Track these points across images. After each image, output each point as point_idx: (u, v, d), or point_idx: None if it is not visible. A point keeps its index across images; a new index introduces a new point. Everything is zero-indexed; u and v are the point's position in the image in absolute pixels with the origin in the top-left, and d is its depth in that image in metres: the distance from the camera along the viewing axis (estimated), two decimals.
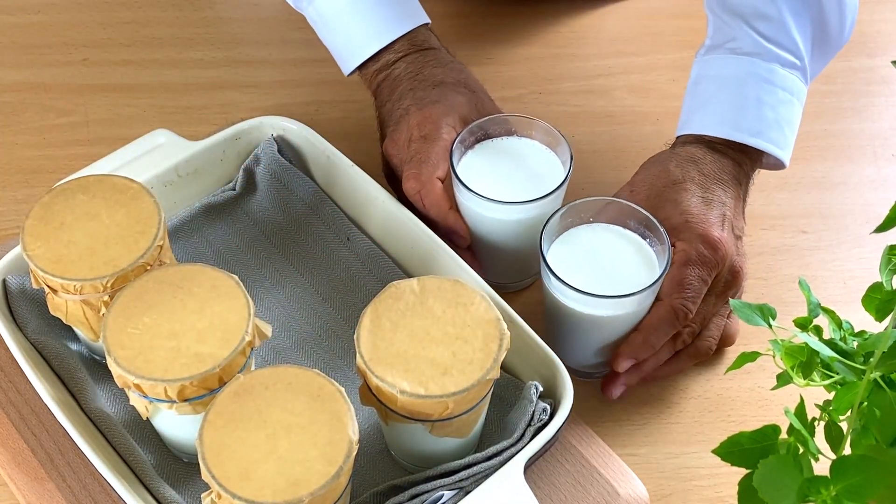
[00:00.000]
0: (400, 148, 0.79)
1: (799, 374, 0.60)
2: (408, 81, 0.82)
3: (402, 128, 0.80)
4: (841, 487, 0.53)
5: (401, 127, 0.80)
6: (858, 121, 0.98)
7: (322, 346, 0.78)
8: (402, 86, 0.82)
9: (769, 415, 0.77)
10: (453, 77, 0.82)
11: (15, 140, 0.93)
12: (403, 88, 0.82)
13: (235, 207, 0.84)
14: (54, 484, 0.69)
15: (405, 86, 0.82)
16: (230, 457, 0.59)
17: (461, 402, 0.63)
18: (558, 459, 0.71)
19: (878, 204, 0.91)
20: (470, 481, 0.67)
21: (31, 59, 1.00)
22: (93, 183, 0.71)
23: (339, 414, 0.61)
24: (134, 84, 0.98)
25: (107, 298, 0.68)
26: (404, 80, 0.82)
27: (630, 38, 1.04)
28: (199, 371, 0.63)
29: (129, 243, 0.68)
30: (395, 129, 0.80)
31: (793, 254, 0.88)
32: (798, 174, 0.93)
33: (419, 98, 0.80)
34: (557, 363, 0.70)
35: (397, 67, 0.83)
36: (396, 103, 0.82)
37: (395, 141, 0.80)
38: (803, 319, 0.63)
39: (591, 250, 0.74)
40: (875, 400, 0.57)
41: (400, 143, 0.80)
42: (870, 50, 1.04)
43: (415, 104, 0.80)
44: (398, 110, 0.81)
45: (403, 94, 0.82)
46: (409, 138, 0.79)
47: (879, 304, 0.61)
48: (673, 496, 0.74)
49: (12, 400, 0.73)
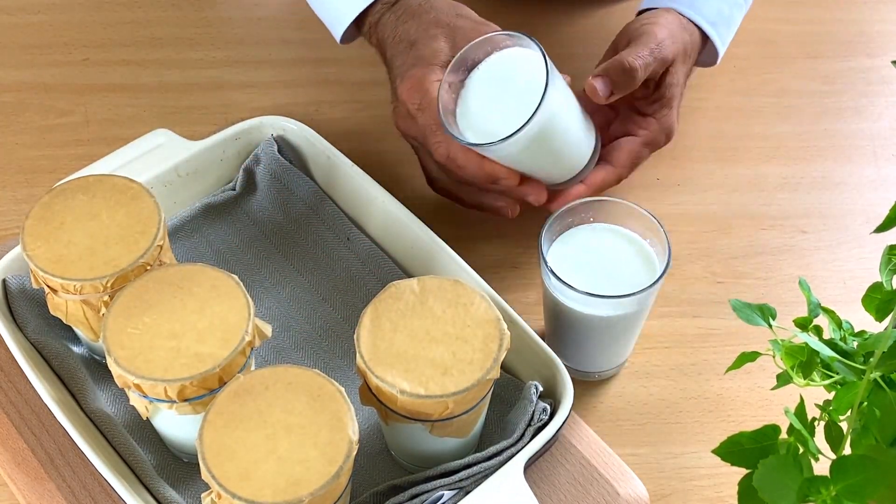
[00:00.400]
0: (407, 123, 0.79)
1: (799, 374, 0.60)
2: (390, 47, 0.81)
3: (399, 104, 0.79)
4: (841, 487, 0.53)
5: (398, 104, 0.79)
6: (859, 121, 0.98)
7: (322, 346, 0.78)
8: (387, 53, 0.82)
9: (769, 415, 0.77)
10: (424, 25, 0.79)
11: (15, 140, 0.93)
12: (389, 56, 0.81)
13: (235, 207, 0.84)
14: (54, 484, 0.69)
15: (389, 52, 0.81)
16: (230, 457, 0.59)
17: (461, 402, 0.63)
18: (558, 459, 0.71)
19: (878, 204, 0.91)
20: (470, 481, 0.67)
21: (31, 59, 0.99)
22: (93, 183, 0.71)
23: (339, 414, 0.61)
24: (134, 84, 0.98)
25: (107, 298, 0.68)
26: (387, 46, 0.82)
27: None
28: (199, 371, 0.63)
29: (129, 243, 0.68)
30: (395, 106, 0.80)
31: (793, 254, 0.88)
32: (798, 174, 0.93)
33: (399, 66, 0.79)
34: (557, 363, 0.70)
35: (380, 30, 0.83)
36: (389, 74, 0.82)
37: (400, 116, 0.79)
38: (803, 319, 0.63)
39: (591, 250, 0.74)
40: (875, 400, 0.57)
41: (404, 118, 0.79)
42: (870, 50, 1.04)
43: (399, 75, 0.79)
44: (392, 83, 0.81)
45: (390, 63, 0.81)
46: (408, 112, 0.78)
47: (879, 304, 0.61)
48: (673, 496, 0.74)
49: (12, 400, 0.73)
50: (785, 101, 0.99)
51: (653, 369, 0.80)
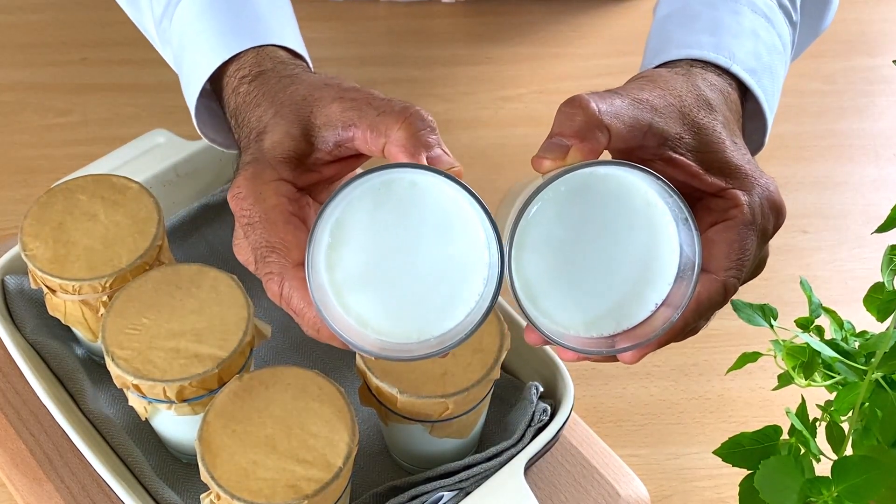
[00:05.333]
0: (239, 247, 0.57)
1: (800, 374, 0.60)
2: (243, 139, 0.59)
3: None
4: (842, 488, 0.53)
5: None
6: (860, 120, 0.98)
7: (321, 346, 0.77)
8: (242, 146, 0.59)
9: (770, 415, 0.77)
10: (276, 105, 0.56)
11: (13, 140, 0.93)
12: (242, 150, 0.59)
13: None
14: (53, 485, 0.69)
15: (242, 145, 0.59)
16: (229, 457, 0.59)
17: (461, 402, 0.63)
18: (559, 460, 0.71)
19: (879, 204, 0.91)
20: (470, 482, 0.67)
21: (29, 59, 0.99)
22: (91, 183, 0.71)
23: (339, 414, 0.61)
24: (133, 84, 0.98)
25: (105, 298, 0.67)
26: (241, 138, 0.59)
27: (630, 38, 1.04)
28: (198, 371, 0.62)
29: (128, 243, 0.68)
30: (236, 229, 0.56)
31: (794, 254, 0.87)
32: (799, 174, 0.93)
33: (239, 167, 0.56)
34: (558, 363, 0.70)
35: (236, 109, 0.61)
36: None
37: (235, 238, 0.57)
38: (805, 320, 0.63)
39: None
40: (876, 400, 0.57)
41: (237, 240, 0.57)
42: (871, 49, 1.04)
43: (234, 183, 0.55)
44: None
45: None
46: (244, 234, 0.55)
47: (881, 305, 0.61)
48: (674, 497, 0.73)
49: (10, 401, 0.73)
50: (785, 101, 0.99)
51: (654, 370, 0.80)
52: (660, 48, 0.62)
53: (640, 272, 0.49)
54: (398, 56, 1.02)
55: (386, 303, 0.48)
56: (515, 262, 0.48)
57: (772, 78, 0.61)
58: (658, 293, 0.50)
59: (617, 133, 0.50)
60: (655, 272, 0.49)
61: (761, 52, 0.60)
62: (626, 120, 0.51)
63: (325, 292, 0.48)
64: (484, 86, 0.93)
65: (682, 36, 0.61)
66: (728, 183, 0.52)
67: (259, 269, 0.53)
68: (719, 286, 0.51)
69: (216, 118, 0.67)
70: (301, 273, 0.51)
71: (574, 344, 0.49)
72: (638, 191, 0.49)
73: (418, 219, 0.48)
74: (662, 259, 0.49)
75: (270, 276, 0.52)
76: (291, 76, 0.58)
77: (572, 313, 0.49)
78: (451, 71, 1.01)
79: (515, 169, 0.90)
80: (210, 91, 0.65)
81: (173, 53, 0.67)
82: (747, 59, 0.59)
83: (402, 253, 0.48)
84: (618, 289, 0.49)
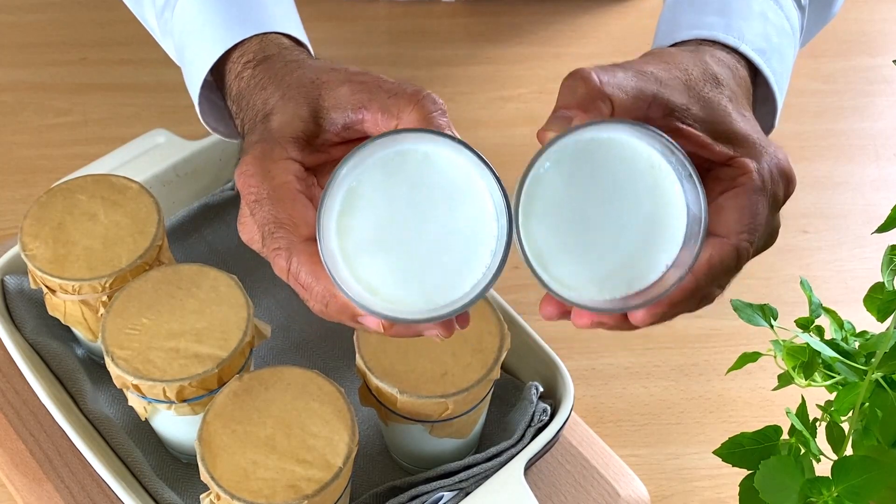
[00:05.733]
0: (245, 225, 0.56)
1: (800, 374, 0.60)
2: (247, 123, 0.59)
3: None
4: (842, 488, 0.53)
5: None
6: (860, 120, 0.98)
7: (321, 346, 0.77)
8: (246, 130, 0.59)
9: (770, 415, 0.77)
10: (283, 88, 0.57)
11: (13, 139, 0.93)
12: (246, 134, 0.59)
13: (234, 207, 0.84)
14: (52, 485, 0.69)
15: (247, 129, 0.59)
16: (229, 458, 0.59)
17: (461, 402, 0.63)
18: (559, 460, 0.71)
19: (879, 204, 0.91)
20: (470, 482, 0.67)
21: (29, 59, 0.99)
22: (91, 183, 0.71)
23: (339, 414, 0.61)
24: (132, 83, 0.98)
25: (105, 299, 0.67)
26: (246, 121, 0.59)
27: (630, 37, 1.04)
28: (197, 372, 0.62)
29: (128, 243, 0.68)
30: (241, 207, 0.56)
31: (794, 254, 0.87)
32: (799, 174, 0.92)
33: (243, 149, 0.57)
34: (558, 363, 0.70)
35: (238, 95, 0.61)
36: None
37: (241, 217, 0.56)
38: (805, 320, 0.63)
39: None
40: (877, 400, 0.57)
41: (243, 219, 0.56)
42: (871, 49, 1.04)
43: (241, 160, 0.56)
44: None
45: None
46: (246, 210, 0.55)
47: (881, 305, 0.61)
48: (674, 497, 0.73)
49: (10, 401, 0.73)
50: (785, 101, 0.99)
51: (654, 370, 0.80)
52: (669, 30, 0.62)
53: (649, 235, 0.50)
54: (398, 56, 1.02)
55: (395, 271, 0.49)
56: (525, 231, 0.48)
57: (781, 59, 0.61)
58: (668, 254, 0.50)
59: (620, 103, 0.51)
60: (664, 235, 0.50)
61: (770, 33, 0.60)
62: (628, 90, 0.51)
63: (336, 259, 0.49)
64: (484, 86, 0.93)
65: (692, 18, 0.61)
66: (736, 151, 0.53)
67: (266, 246, 0.52)
68: (731, 249, 0.51)
69: (218, 110, 0.67)
70: (309, 248, 0.50)
71: (589, 304, 0.50)
72: (641, 154, 0.50)
73: (429, 190, 0.49)
74: (670, 221, 0.50)
75: (278, 252, 0.51)
76: (297, 61, 0.59)
77: (584, 277, 0.50)
78: (451, 71, 1.01)
79: (516, 169, 0.89)
80: (211, 83, 0.66)
81: (175, 44, 0.68)
82: (756, 40, 0.59)
83: (414, 222, 0.49)
84: (627, 252, 0.50)
